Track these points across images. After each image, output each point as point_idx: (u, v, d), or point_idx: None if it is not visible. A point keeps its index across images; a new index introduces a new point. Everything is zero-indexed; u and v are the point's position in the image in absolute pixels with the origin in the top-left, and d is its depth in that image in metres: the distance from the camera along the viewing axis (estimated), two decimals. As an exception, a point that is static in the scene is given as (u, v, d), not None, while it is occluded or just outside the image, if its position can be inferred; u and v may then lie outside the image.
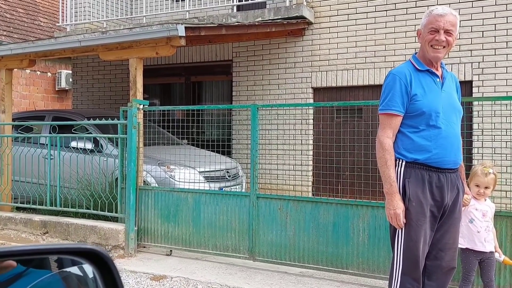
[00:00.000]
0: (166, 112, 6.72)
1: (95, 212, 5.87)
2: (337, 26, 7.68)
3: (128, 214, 5.45)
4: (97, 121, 5.91)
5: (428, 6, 6.76)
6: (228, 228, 5.11)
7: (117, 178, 5.75)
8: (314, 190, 7.26)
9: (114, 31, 6.78)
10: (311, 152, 7.67)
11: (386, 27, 7.33)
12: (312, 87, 7.91)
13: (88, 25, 9.54)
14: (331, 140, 7.31)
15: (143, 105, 5.71)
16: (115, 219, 5.76)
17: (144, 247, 5.62)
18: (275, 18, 7.54)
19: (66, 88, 13.73)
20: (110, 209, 5.72)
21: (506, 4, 6.61)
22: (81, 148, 6.28)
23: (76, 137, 6.35)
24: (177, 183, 5.98)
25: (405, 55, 7.04)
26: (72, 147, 6.13)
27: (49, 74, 13.80)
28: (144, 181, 5.92)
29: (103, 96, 9.99)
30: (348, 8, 7.61)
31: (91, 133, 6.44)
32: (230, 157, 7.54)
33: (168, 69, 9.39)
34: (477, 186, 3.28)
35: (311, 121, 7.71)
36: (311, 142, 7.68)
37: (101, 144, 6.50)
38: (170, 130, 6.99)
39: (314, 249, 4.64)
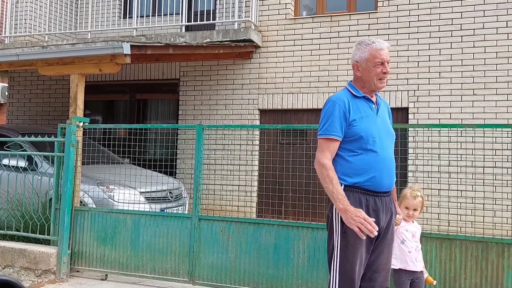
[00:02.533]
0: (108, 130, 6.56)
1: (25, 234, 5.54)
2: (284, 51, 7.85)
3: (62, 237, 5.22)
4: (32, 138, 5.67)
5: (369, 36, 7.06)
6: (168, 251, 5.00)
7: (51, 198, 5.50)
8: (258, 212, 7.27)
9: (56, 45, 6.60)
10: (256, 173, 7.70)
11: (329, 54, 7.57)
12: (258, 109, 8.00)
13: (29, 38, 9.22)
14: (275, 161, 7.38)
15: (83, 123, 5.55)
16: (47, 242, 5.46)
17: (77, 271, 5.38)
18: (223, 40, 7.60)
19: (1, 102, 13.11)
20: (42, 231, 5.43)
21: (439, 38, 7.02)
22: (13, 166, 5.96)
23: (8, 154, 6.02)
24: (116, 204, 5.81)
25: (347, 80, 7.25)
26: (4, 165, 5.81)
27: (-18, 86, 13.18)
28: (81, 202, 5.70)
29: (41, 112, 9.64)
30: (294, 34, 7.80)
31: (26, 151, 6.16)
32: (174, 177, 7.43)
33: (113, 85, 9.21)
34: (407, 208, 3.41)
35: (257, 142, 7.77)
36: (256, 163, 7.73)
37: (35, 162, 6.22)
38: (111, 148, 6.82)
39: (255, 271, 4.62)
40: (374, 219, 2.68)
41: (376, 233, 2.63)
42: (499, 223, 4.36)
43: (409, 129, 6.41)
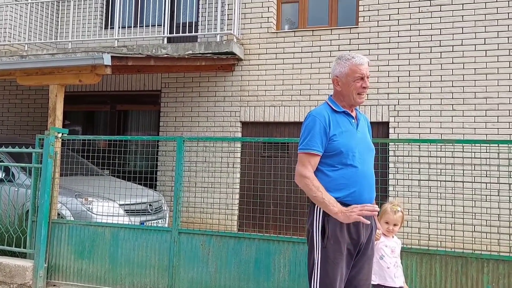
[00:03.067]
0: (87, 141, 6.47)
1: (0, 247, 5.42)
2: (266, 64, 7.88)
3: (38, 250, 5.10)
4: (10, 149, 5.55)
5: (350, 50, 7.14)
6: (147, 264, 4.92)
7: (28, 210, 5.38)
8: (239, 225, 7.23)
9: (35, 55, 6.51)
10: (237, 186, 7.67)
11: (311, 68, 7.62)
12: (240, 121, 7.99)
13: (8, 47, 9.09)
14: (256, 174, 7.36)
15: (62, 134, 5.46)
16: (23, 255, 5.34)
17: (54, 285, 5.26)
18: (205, 52, 7.60)
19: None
20: (18, 244, 5.31)
21: (419, 53, 7.13)
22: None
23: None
24: (94, 217, 5.71)
25: (328, 94, 7.31)
26: (-21, 176, 5.69)
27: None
28: (58, 214, 5.59)
29: (20, 122, 9.48)
30: (276, 48, 7.85)
31: (2, 161, 6.03)
32: (154, 189, 7.35)
33: (93, 96, 9.11)
34: (387, 223, 3.40)
35: (239, 154, 7.75)
36: (238, 176, 7.70)
37: (12, 173, 6.09)
38: (91, 160, 6.72)
39: (235, 286, 4.57)
40: (354, 237, 2.73)
41: (377, 210, 2.75)
42: (479, 238, 4.40)
43: (390, 143, 6.47)
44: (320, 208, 2.78)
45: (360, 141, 2.89)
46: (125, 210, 6.03)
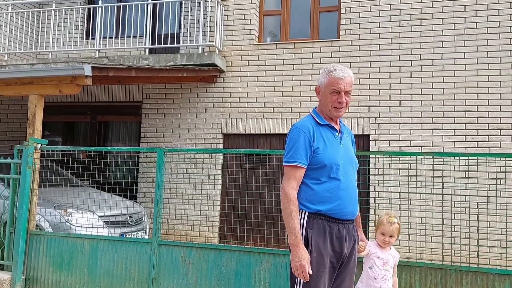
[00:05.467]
0: (67, 152, 6.38)
1: (-23, 259, 5.31)
2: (248, 76, 7.91)
3: (16, 262, 5.02)
4: (-13, 160, 5.45)
5: (331, 63, 7.20)
6: (127, 277, 4.86)
7: (6, 222, 5.28)
8: (220, 237, 7.18)
9: (15, 65, 6.43)
10: (218, 198, 7.64)
11: (293, 80, 7.68)
12: (222, 133, 7.99)
13: (-13, 56, 8.96)
14: (238, 186, 7.34)
15: (41, 144, 5.39)
16: (0, 267, 5.25)
17: (32, 298, 5.16)
18: (187, 63, 7.60)
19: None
20: (-5, 256, 5.21)
21: (399, 67, 7.24)
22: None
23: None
24: (74, 228, 5.62)
25: (309, 107, 7.37)
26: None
27: None
28: (37, 226, 5.50)
29: (-2, 132, 9.32)
30: (258, 60, 7.89)
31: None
32: (134, 201, 7.27)
33: (73, 106, 9.02)
34: (383, 234, 3.39)
35: (220, 166, 7.73)
36: (219, 187, 7.67)
37: (-11, 184, 5.97)
38: (71, 171, 6.63)
39: (215, 298, 4.54)
40: (337, 249, 2.73)
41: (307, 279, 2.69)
42: (458, 250, 4.45)
43: (370, 156, 6.53)
44: (303, 221, 2.78)
45: (344, 155, 2.91)
46: (105, 221, 5.96)
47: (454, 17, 7.12)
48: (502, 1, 6.95)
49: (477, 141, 6.84)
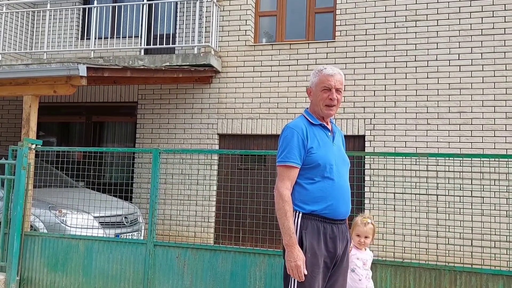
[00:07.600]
0: (62, 153, 6.37)
1: (-30, 260, 5.28)
2: (243, 77, 7.92)
3: (10, 262, 5.00)
4: (-19, 160, 5.43)
5: (326, 64, 7.22)
6: (122, 277, 4.85)
7: (0, 223, 5.26)
8: (216, 238, 7.18)
9: (9, 65, 6.41)
10: (214, 198, 7.64)
11: (288, 81, 7.69)
12: (218, 134, 7.99)
13: (-18, 56, 8.93)
14: (233, 187, 7.35)
15: (36, 145, 5.37)
16: (-6, 268, 5.23)
17: (26, 299, 5.14)
18: (182, 64, 7.59)
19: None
20: (-11, 257, 5.19)
21: (395, 68, 7.27)
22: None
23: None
24: (68, 229, 5.61)
25: (305, 108, 7.38)
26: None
27: None
28: (32, 226, 5.48)
29: (-7, 133, 9.28)
30: (254, 60, 7.90)
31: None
32: (130, 202, 7.26)
33: (68, 107, 9.00)
34: (358, 235, 3.42)
35: (216, 167, 7.73)
36: (214, 188, 7.67)
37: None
38: (66, 171, 6.61)
39: (211, 299, 4.53)
40: (331, 250, 2.74)
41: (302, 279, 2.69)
42: (452, 250, 4.47)
43: (365, 156, 6.55)
44: (298, 222, 2.79)
45: (336, 154, 2.92)
46: (100, 222, 5.94)
47: (448, 19, 7.16)
48: (496, 2, 7.00)
49: (471, 142, 6.88)
